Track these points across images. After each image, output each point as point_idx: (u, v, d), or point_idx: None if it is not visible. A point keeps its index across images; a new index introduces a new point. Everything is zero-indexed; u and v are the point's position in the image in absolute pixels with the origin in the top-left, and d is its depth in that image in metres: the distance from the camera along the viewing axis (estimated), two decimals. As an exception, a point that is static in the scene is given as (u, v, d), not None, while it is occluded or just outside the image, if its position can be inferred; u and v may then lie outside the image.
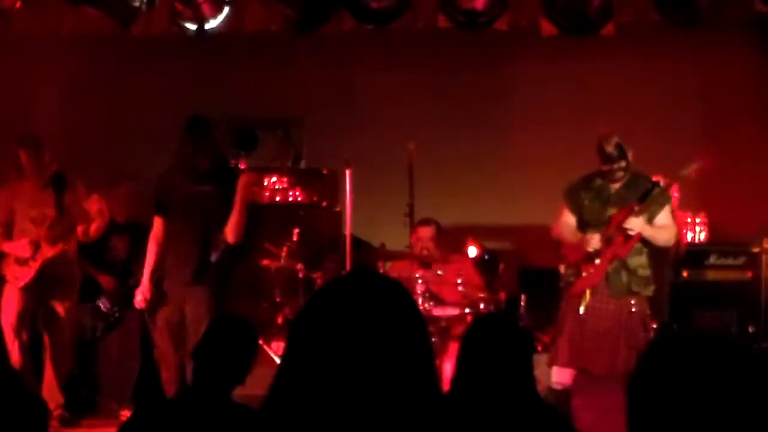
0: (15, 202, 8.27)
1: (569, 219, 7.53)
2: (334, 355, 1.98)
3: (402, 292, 2.12)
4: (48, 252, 8.18)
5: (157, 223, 7.65)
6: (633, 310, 7.24)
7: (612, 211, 7.31)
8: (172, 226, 7.57)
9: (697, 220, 9.51)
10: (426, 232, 8.80)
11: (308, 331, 2.04)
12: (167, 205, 7.60)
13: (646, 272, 7.34)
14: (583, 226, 7.43)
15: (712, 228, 9.50)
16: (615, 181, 7.33)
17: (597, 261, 7.27)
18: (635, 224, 7.19)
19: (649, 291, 7.38)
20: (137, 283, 7.74)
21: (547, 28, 8.30)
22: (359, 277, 2.19)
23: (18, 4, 8.52)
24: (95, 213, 8.24)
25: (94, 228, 8.35)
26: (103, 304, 8.80)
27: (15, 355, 8.01)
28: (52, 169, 8.27)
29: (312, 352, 2.00)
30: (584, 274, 7.31)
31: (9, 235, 8.27)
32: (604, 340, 7.24)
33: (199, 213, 7.44)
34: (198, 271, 7.43)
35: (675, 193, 8.36)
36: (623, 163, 7.24)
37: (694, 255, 9.10)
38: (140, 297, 7.58)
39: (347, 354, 1.97)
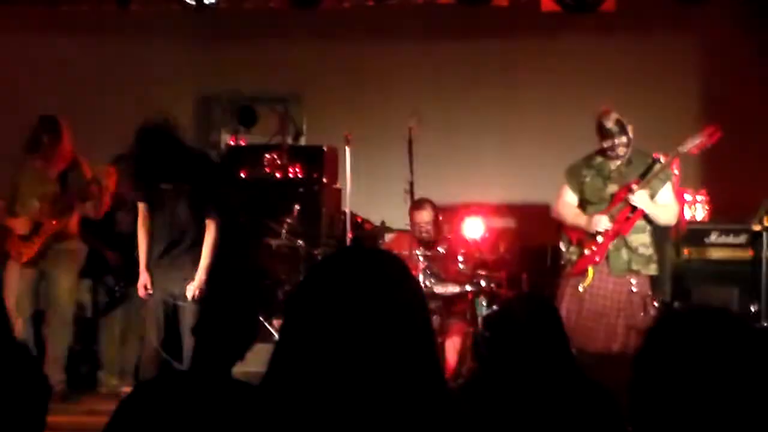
0: (20, 179, 8.28)
1: (569, 198, 7.51)
2: (331, 331, 1.96)
3: (401, 266, 2.11)
4: (50, 228, 8.18)
5: (142, 209, 7.67)
6: (633, 290, 7.21)
7: (613, 188, 7.29)
8: (155, 216, 7.61)
9: (698, 198, 9.48)
10: (421, 215, 8.61)
11: (305, 307, 2.03)
12: (146, 195, 7.63)
13: (648, 251, 7.31)
14: (585, 204, 7.41)
15: (713, 206, 9.48)
16: (616, 157, 7.30)
17: (599, 239, 7.25)
18: (641, 197, 7.15)
19: (651, 270, 7.34)
20: None
21: (547, 4, 8.27)
22: (357, 253, 2.18)
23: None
24: (105, 187, 8.24)
25: (104, 202, 8.35)
26: (108, 281, 8.79)
27: (17, 331, 8.01)
28: (70, 157, 8.27)
29: (309, 328, 1.99)
30: (587, 252, 7.29)
31: (12, 211, 8.27)
32: (602, 320, 7.22)
33: (173, 207, 7.50)
34: (183, 261, 7.48)
35: (675, 171, 8.34)
36: (624, 139, 7.21)
37: (695, 233, 9.07)
38: (142, 291, 7.61)
39: (344, 330, 1.96)
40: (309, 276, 2.11)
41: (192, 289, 7.40)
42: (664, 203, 7.32)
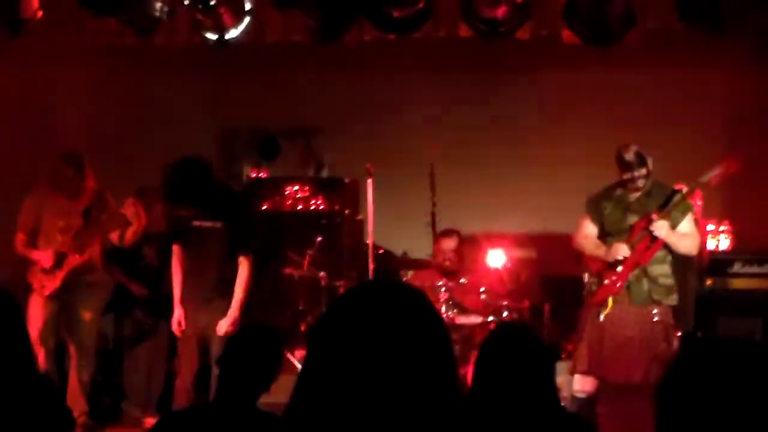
0: (43, 211, 8.32)
1: (589, 230, 7.53)
2: (354, 363, 1.97)
3: (423, 300, 2.11)
4: (73, 261, 8.22)
5: (176, 250, 7.73)
6: (655, 320, 7.22)
7: (633, 219, 7.31)
8: (187, 253, 7.66)
9: (721, 228, 9.46)
10: (447, 243, 8.78)
11: (328, 339, 2.04)
12: (180, 234, 7.70)
13: (668, 281, 7.31)
14: (605, 235, 7.43)
15: (736, 236, 9.45)
16: (636, 189, 7.32)
17: (619, 269, 7.25)
18: (661, 227, 7.16)
19: (672, 300, 7.35)
20: (169, 292, 7.78)
21: (569, 37, 8.28)
22: (379, 286, 2.18)
23: (39, 14, 8.54)
24: (131, 216, 8.25)
25: (131, 232, 8.35)
26: (137, 314, 8.81)
27: (40, 363, 8.03)
28: (93, 195, 8.31)
29: (331, 360, 1.99)
30: (606, 281, 7.29)
31: (35, 243, 8.31)
32: (623, 350, 7.22)
33: (206, 247, 7.54)
34: (212, 293, 7.52)
35: (698, 201, 8.33)
36: (643, 171, 7.24)
37: (718, 263, 9.05)
38: (176, 326, 7.64)
39: (367, 362, 1.96)
40: (331, 308, 2.12)
41: (225, 325, 7.41)
42: (685, 233, 7.32)
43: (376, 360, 1.96)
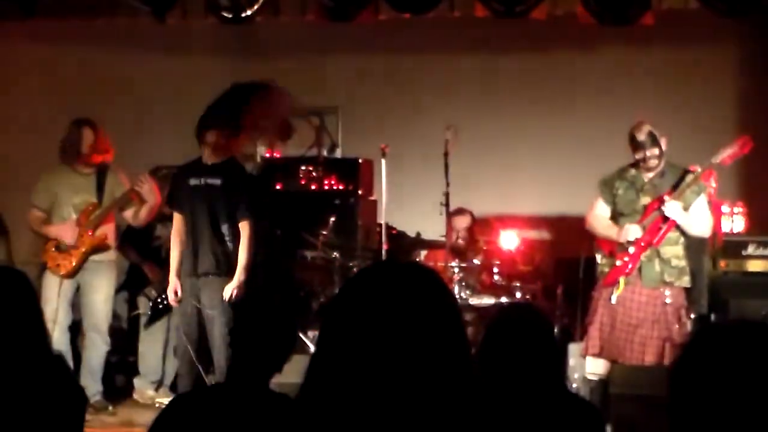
0: (58, 188, 8.33)
1: (602, 211, 7.52)
2: (366, 343, 1.96)
3: (436, 279, 2.10)
4: (89, 240, 8.23)
5: (177, 219, 7.79)
6: (667, 301, 7.21)
7: (645, 200, 7.31)
8: (185, 219, 7.72)
9: (735, 210, 9.42)
10: (460, 222, 8.83)
11: (340, 319, 2.04)
12: (177, 199, 7.77)
13: (680, 263, 7.31)
14: (617, 215, 7.42)
15: (750, 218, 9.42)
16: (649, 169, 7.32)
17: (631, 249, 7.24)
18: (674, 208, 7.15)
19: (684, 282, 7.34)
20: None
21: (585, 17, 8.24)
22: (392, 266, 2.19)
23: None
24: (146, 193, 8.27)
25: (145, 210, 8.37)
26: (150, 293, 8.83)
27: (54, 342, 8.04)
28: (108, 158, 8.33)
29: (343, 340, 1.99)
30: (618, 262, 7.28)
31: (49, 221, 8.33)
32: (635, 332, 7.22)
33: (204, 205, 7.60)
34: (210, 263, 7.58)
35: (713, 183, 8.31)
36: (656, 151, 7.24)
37: (733, 245, 9.00)
38: (172, 296, 7.70)
39: (379, 342, 1.96)
40: (344, 288, 2.13)
41: (230, 289, 7.47)
42: (698, 214, 7.31)
43: (389, 340, 1.96)
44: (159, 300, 8.67)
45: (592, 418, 3.85)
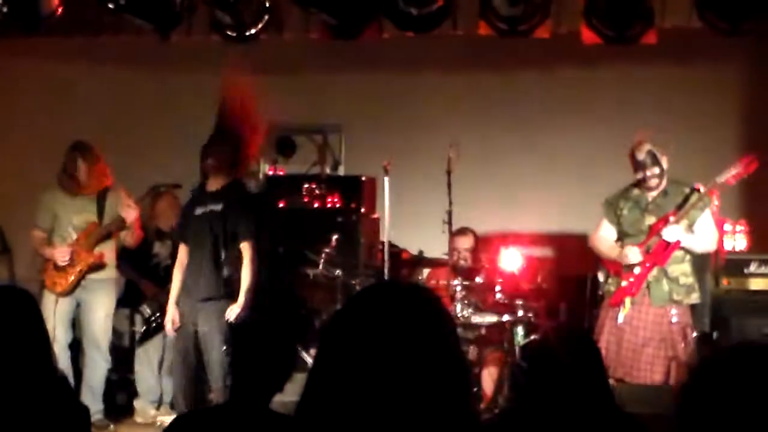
0: (58, 208, 8.34)
1: (606, 232, 7.53)
2: (363, 364, 1.96)
3: (434, 302, 2.11)
4: (88, 259, 8.24)
5: (181, 250, 7.84)
6: (673, 320, 7.21)
7: (650, 220, 7.31)
8: (188, 249, 7.76)
9: (738, 228, 9.42)
10: (463, 242, 8.81)
11: (339, 339, 2.03)
12: (184, 230, 7.84)
13: (688, 280, 7.31)
14: (623, 236, 7.42)
15: (752, 236, 9.41)
16: (650, 189, 7.32)
17: (636, 270, 7.24)
18: (675, 232, 7.16)
19: (693, 299, 7.35)
20: None
21: (589, 36, 8.25)
22: (391, 287, 2.20)
23: (59, 11, 8.56)
24: (128, 213, 8.32)
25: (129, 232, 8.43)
26: (144, 310, 8.83)
27: (54, 360, 8.03)
28: (107, 183, 8.35)
29: (341, 360, 1.99)
30: (624, 283, 7.28)
31: (50, 241, 8.33)
32: (642, 351, 7.22)
33: (206, 232, 7.64)
34: (210, 288, 7.60)
35: (715, 201, 8.31)
36: (656, 170, 7.25)
37: (735, 263, 9.00)
38: (170, 325, 7.74)
39: (376, 363, 1.95)
40: (344, 308, 2.13)
41: (234, 312, 7.48)
42: (703, 231, 7.32)
43: (386, 361, 1.95)
44: (152, 318, 8.68)
45: None
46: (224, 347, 7.21)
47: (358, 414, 1.94)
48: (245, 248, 7.68)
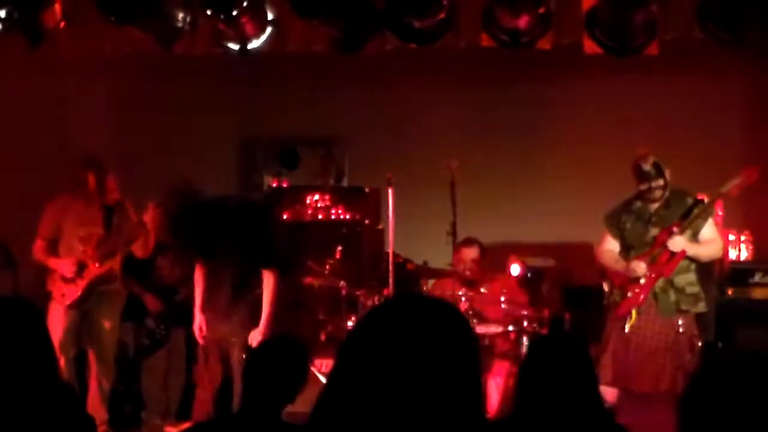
0: (63, 220, 8.34)
1: (611, 245, 7.53)
2: (382, 376, 1.96)
3: (456, 316, 2.11)
4: (94, 271, 8.24)
5: (198, 268, 7.83)
6: (680, 330, 7.21)
7: (654, 231, 7.31)
8: (209, 266, 7.75)
9: (742, 238, 9.44)
10: (469, 253, 8.75)
11: (357, 354, 2.03)
12: (199, 257, 7.82)
13: (694, 289, 7.31)
14: (627, 249, 7.42)
15: (756, 246, 9.43)
16: (654, 200, 7.33)
17: (642, 281, 7.25)
18: (678, 243, 7.17)
19: (700, 308, 7.35)
20: (183, 301, 7.85)
21: (590, 47, 8.27)
22: (411, 300, 2.16)
23: (62, 25, 8.58)
24: (150, 222, 8.33)
25: (150, 240, 8.46)
26: (149, 323, 8.84)
27: (61, 371, 8.04)
28: (115, 197, 8.36)
29: (360, 374, 1.99)
30: (629, 294, 7.29)
31: (55, 252, 8.33)
32: (649, 360, 7.22)
33: (227, 262, 7.63)
34: (232, 305, 7.60)
35: (719, 212, 8.32)
36: (661, 182, 7.25)
37: (739, 273, 9.03)
38: (197, 332, 7.73)
39: (397, 377, 1.95)
40: (363, 322, 2.12)
41: (255, 337, 7.47)
42: (708, 239, 7.32)
43: (405, 374, 1.95)
44: (156, 332, 8.69)
45: None
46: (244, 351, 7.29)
47: (376, 425, 1.94)
48: (268, 275, 7.67)
